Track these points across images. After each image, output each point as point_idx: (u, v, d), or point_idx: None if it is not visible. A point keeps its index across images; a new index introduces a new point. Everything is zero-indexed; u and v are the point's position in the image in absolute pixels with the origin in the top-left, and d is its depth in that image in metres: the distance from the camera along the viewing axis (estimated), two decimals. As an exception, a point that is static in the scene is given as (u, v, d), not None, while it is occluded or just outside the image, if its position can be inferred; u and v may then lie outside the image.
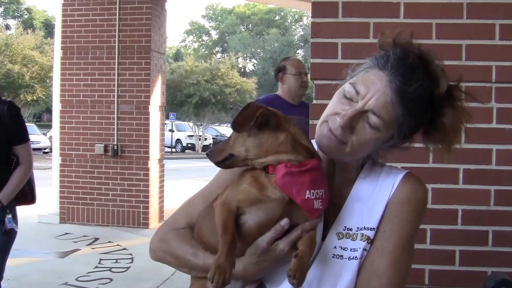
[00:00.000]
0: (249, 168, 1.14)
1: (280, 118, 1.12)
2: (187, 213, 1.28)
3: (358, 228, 1.17)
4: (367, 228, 1.17)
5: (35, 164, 3.47)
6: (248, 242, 1.11)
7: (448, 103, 1.17)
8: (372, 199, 1.19)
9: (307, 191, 1.07)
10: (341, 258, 1.15)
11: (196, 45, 60.60)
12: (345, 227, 1.17)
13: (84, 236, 7.04)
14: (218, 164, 1.15)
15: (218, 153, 1.14)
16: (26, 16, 46.58)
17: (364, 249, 1.16)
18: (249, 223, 1.10)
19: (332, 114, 1.16)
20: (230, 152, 1.12)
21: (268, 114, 1.09)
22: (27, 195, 3.28)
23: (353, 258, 1.15)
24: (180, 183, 12.51)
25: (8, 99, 3.18)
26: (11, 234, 3.11)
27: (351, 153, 1.16)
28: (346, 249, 1.15)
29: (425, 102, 1.13)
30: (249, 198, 1.09)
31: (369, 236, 1.16)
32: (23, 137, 3.16)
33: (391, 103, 1.10)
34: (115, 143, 7.59)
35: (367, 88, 1.12)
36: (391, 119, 1.12)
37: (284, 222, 1.09)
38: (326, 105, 1.35)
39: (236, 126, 1.10)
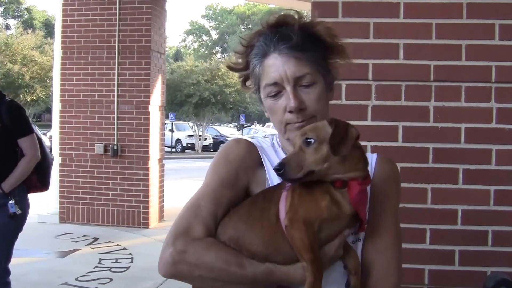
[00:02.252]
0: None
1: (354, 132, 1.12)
2: (199, 218, 1.16)
3: None
4: None
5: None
6: None
7: (313, 25, 1.26)
8: None
9: (367, 206, 1.15)
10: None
11: (196, 45, 60.62)
12: None
13: (84, 236, 7.04)
14: (294, 180, 1.08)
15: (295, 169, 1.06)
16: (26, 16, 46.58)
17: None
18: (321, 237, 1.09)
19: (282, 116, 1.23)
20: (311, 169, 1.07)
21: (357, 132, 1.10)
22: (36, 183, 3.51)
23: (356, 241, 1.22)
24: (180, 183, 12.51)
25: (9, 98, 3.43)
26: (15, 219, 3.32)
27: (322, 118, 1.22)
28: (349, 234, 1.18)
29: (308, 37, 1.23)
30: (331, 217, 1.08)
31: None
32: (25, 130, 3.39)
33: (298, 59, 1.21)
34: (115, 143, 7.59)
35: (276, 72, 1.21)
36: (311, 67, 1.21)
37: (348, 232, 1.14)
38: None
39: (338, 150, 1.06)
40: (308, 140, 1.08)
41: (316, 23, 1.26)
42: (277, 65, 1.21)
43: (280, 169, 1.06)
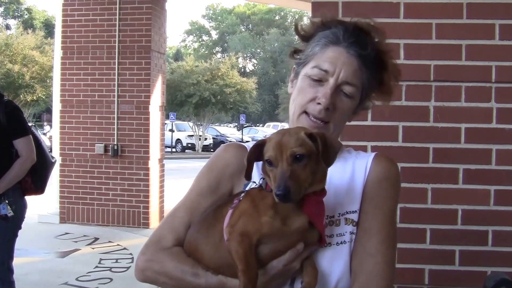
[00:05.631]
0: (255, 190, 1.12)
1: (337, 144, 1.14)
2: (172, 228, 1.24)
3: (339, 214, 1.20)
4: (350, 211, 1.21)
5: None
6: (259, 265, 1.10)
7: (388, 56, 1.27)
8: (347, 183, 1.23)
9: (324, 218, 1.11)
10: (330, 245, 1.18)
11: (196, 45, 60.62)
12: (327, 216, 1.18)
13: (84, 236, 7.05)
14: (295, 201, 1.05)
15: (298, 189, 1.03)
16: (26, 16, 46.57)
17: (351, 233, 1.20)
18: (264, 252, 1.09)
19: (307, 102, 1.22)
20: (305, 185, 1.05)
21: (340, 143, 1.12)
22: (30, 185, 3.48)
23: (341, 243, 1.19)
24: (180, 183, 12.50)
25: (6, 99, 3.41)
26: (8, 221, 3.30)
27: (334, 130, 1.24)
28: (332, 235, 1.18)
29: (377, 59, 1.24)
30: (273, 232, 1.06)
31: (353, 219, 1.20)
32: (21, 131, 3.37)
33: (359, 69, 1.21)
34: (115, 143, 7.59)
35: (333, 64, 1.20)
36: (360, 83, 1.22)
37: (301, 246, 1.10)
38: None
39: (330, 162, 1.08)
40: (298, 156, 1.04)
41: (392, 56, 1.27)
42: (338, 59, 1.20)
43: (285, 194, 1.01)
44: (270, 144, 1.08)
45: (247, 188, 1.15)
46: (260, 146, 1.10)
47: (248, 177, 1.13)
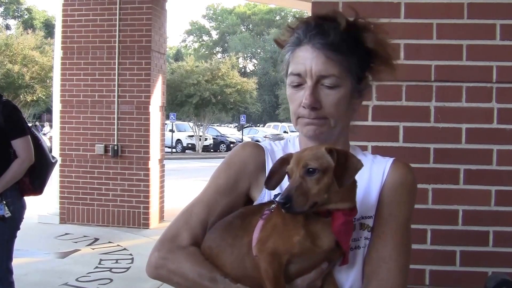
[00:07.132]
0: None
1: (358, 163, 1.10)
2: (188, 225, 1.21)
3: (355, 218, 1.18)
4: (365, 217, 1.20)
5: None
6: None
7: (362, 30, 1.23)
8: (364, 188, 1.21)
9: (351, 238, 1.11)
10: None
11: (196, 45, 60.66)
12: None
13: (84, 236, 7.04)
14: (299, 213, 1.03)
15: (302, 202, 1.01)
16: (26, 16, 46.60)
17: (366, 238, 1.19)
18: (292, 270, 1.08)
19: (297, 108, 1.22)
20: (315, 200, 1.03)
21: (361, 163, 1.08)
22: (29, 186, 3.46)
23: (355, 248, 1.18)
24: (181, 184, 12.51)
25: (5, 99, 3.39)
26: (6, 221, 3.29)
27: (336, 123, 1.21)
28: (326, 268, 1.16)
29: (349, 39, 1.20)
30: (303, 252, 1.05)
31: (368, 225, 1.20)
32: (19, 132, 3.35)
33: (329, 58, 1.17)
34: (115, 143, 7.59)
35: (303, 64, 1.19)
36: (340, 70, 1.18)
37: (326, 265, 1.10)
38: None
39: (343, 182, 1.03)
40: (310, 169, 1.04)
41: (367, 28, 1.23)
42: (305, 58, 1.18)
43: (286, 203, 1.00)
44: (292, 159, 1.09)
45: (277, 199, 1.12)
46: (286, 160, 1.11)
47: (268, 186, 1.13)
